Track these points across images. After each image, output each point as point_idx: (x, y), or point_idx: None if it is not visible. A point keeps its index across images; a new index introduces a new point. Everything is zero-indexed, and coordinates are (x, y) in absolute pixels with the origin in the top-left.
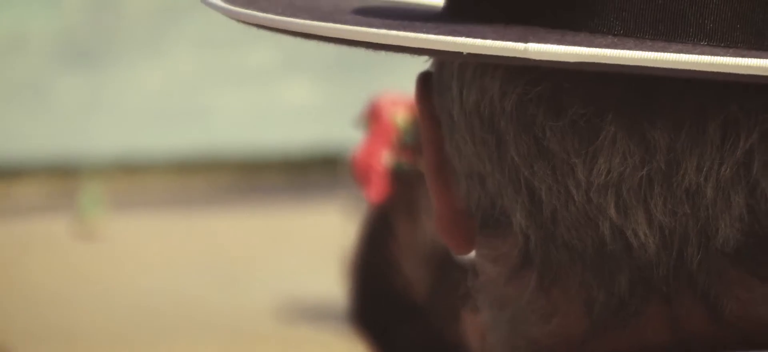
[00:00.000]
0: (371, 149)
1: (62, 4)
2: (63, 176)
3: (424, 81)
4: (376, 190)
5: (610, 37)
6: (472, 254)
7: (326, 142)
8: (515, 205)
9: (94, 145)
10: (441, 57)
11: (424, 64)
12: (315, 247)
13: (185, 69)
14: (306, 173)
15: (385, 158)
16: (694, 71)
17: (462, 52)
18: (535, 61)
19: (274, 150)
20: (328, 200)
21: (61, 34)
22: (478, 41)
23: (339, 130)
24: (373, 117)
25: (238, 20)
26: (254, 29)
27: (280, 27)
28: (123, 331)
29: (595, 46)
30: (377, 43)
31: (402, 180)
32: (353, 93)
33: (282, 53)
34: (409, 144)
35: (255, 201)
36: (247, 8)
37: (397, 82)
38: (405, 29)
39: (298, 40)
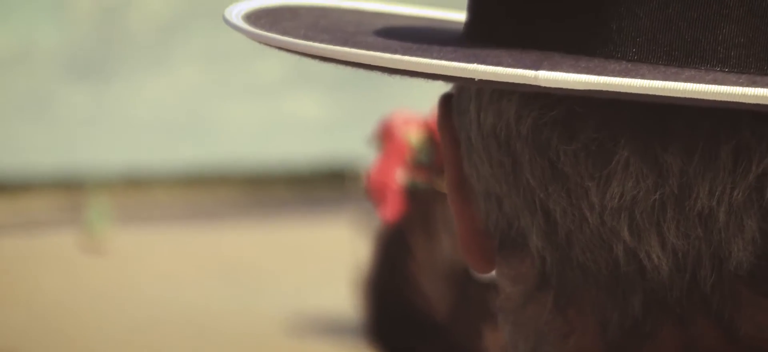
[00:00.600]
0: (385, 168)
1: (68, 17)
2: (69, 190)
3: (445, 102)
4: (392, 208)
5: (624, 62)
6: (493, 273)
7: (333, 156)
8: (531, 226)
9: (101, 158)
10: (455, 82)
11: (434, 82)
12: (322, 261)
13: (192, 82)
14: (313, 187)
15: (399, 177)
16: (703, 100)
17: (474, 78)
18: (545, 88)
19: (281, 164)
20: (336, 213)
21: (67, 48)
22: (490, 68)
23: (346, 144)
24: (385, 136)
25: (259, 42)
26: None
27: (299, 50)
28: (131, 344)
29: (608, 73)
30: (393, 68)
31: (418, 198)
32: (361, 107)
33: (289, 67)
34: (424, 163)
35: (262, 215)
36: (270, 29)
37: (404, 97)
38: (420, 54)
39: None
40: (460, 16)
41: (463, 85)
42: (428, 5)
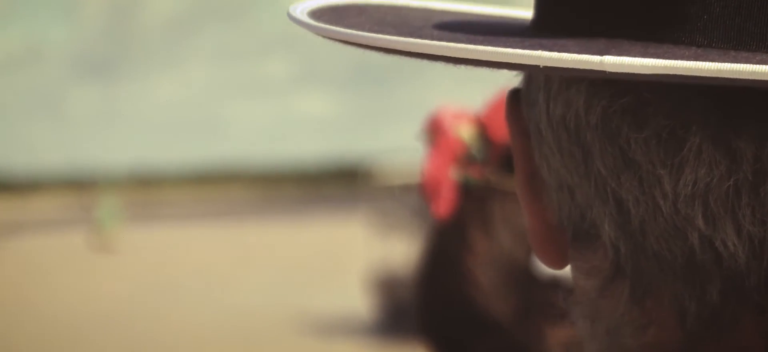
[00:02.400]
0: (438, 164)
1: (78, 16)
2: (80, 189)
3: (513, 96)
4: (446, 204)
5: (693, 48)
6: (556, 271)
7: (343, 154)
8: (604, 216)
9: (111, 157)
10: (519, 70)
11: (444, 77)
12: (332, 259)
13: (201, 81)
14: (322, 185)
15: (452, 173)
16: None
17: (539, 65)
18: (611, 74)
19: (291, 162)
20: (346, 212)
21: (76, 47)
22: (554, 54)
23: (356, 142)
24: (435, 131)
25: (322, 35)
26: (271, 41)
27: (363, 42)
28: (139, 342)
29: (677, 58)
30: (458, 58)
31: (473, 194)
32: (369, 105)
33: (298, 65)
34: (477, 159)
35: (271, 213)
36: (336, 24)
37: (412, 94)
38: (485, 44)
39: (314, 52)
40: (528, 13)
41: (530, 75)
42: (497, 4)
